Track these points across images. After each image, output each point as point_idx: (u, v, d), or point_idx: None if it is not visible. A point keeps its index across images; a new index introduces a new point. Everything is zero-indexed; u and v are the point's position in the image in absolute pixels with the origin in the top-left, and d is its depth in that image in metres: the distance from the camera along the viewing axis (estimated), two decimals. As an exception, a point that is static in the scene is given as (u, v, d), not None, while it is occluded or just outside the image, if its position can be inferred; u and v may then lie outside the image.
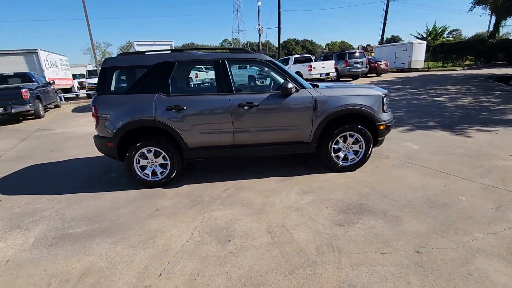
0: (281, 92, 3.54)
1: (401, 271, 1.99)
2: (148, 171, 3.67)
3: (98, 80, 3.60)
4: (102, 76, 3.55)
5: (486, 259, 2.04)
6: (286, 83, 3.49)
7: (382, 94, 3.77)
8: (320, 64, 16.33)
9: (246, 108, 3.52)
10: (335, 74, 17.13)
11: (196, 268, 2.15)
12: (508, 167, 3.63)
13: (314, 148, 3.78)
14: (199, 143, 3.62)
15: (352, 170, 3.85)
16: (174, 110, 3.46)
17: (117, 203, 3.35)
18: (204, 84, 11.19)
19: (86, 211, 3.19)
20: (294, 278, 1.99)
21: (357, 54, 17.93)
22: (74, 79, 22.35)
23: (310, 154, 3.98)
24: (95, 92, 4.63)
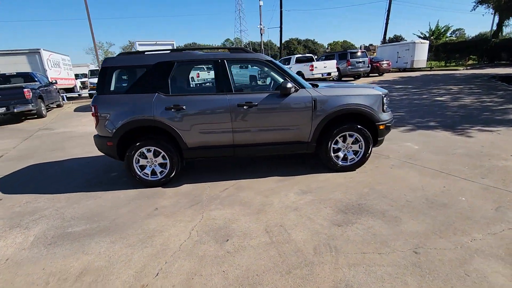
0: (280, 92, 3.53)
1: (398, 272, 1.98)
2: (148, 171, 3.68)
3: (98, 79, 3.62)
4: (102, 75, 3.56)
5: (484, 260, 2.03)
6: (285, 83, 3.49)
7: (382, 93, 3.76)
8: (321, 63, 16.28)
9: (245, 107, 3.52)
10: (337, 73, 17.11)
11: (193, 268, 2.16)
12: (509, 167, 3.61)
13: (314, 148, 3.77)
14: (199, 143, 3.63)
15: (352, 170, 3.84)
16: (173, 110, 3.47)
17: (116, 202, 3.36)
18: (206, 84, 11.19)
19: (86, 210, 3.21)
20: (290, 278, 1.99)
21: (359, 54, 17.87)
22: (77, 78, 22.49)
23: (309, 154, 3.98)
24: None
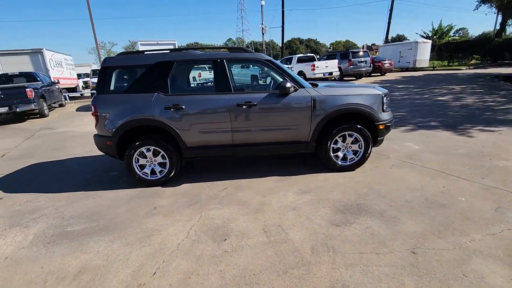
0: (279, 92, 3.53)
1: (395, 272, 1.97)
2: (147, 170, 3.69)
3: (97, 79, 3.63)
4: (102, 75, 3.58)
5: (483, 260, 2.02)
6: (285, 82, 3.48)
7: (382, 93, 3.74)
8: (323, 63, 16.24)
9: (245, 107, 3.52)
10: (339, 73, 17.06)
11: (191, 267, 2.16)
12: (510, 167, 3.58)
13: (313, 148, 3.76)
14: (198, 142, 3.63)
15: (351, 170, 3.83)
16: (172, 110, 3.48)
17: (116, 201, 3.37)
18: (207, 84, 11.20)
19: (85, 209, 3.22)
20: (287, 278, 1.99)
21: (360, 53, 17.79)
22: (79, 78, 22.58)
23: (309, 153, 3.97)
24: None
